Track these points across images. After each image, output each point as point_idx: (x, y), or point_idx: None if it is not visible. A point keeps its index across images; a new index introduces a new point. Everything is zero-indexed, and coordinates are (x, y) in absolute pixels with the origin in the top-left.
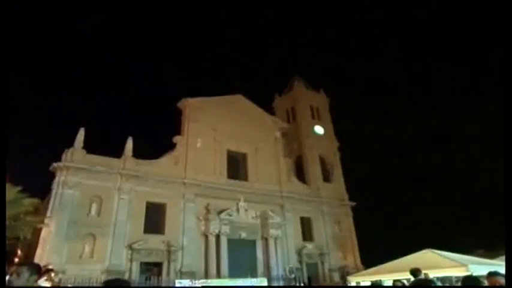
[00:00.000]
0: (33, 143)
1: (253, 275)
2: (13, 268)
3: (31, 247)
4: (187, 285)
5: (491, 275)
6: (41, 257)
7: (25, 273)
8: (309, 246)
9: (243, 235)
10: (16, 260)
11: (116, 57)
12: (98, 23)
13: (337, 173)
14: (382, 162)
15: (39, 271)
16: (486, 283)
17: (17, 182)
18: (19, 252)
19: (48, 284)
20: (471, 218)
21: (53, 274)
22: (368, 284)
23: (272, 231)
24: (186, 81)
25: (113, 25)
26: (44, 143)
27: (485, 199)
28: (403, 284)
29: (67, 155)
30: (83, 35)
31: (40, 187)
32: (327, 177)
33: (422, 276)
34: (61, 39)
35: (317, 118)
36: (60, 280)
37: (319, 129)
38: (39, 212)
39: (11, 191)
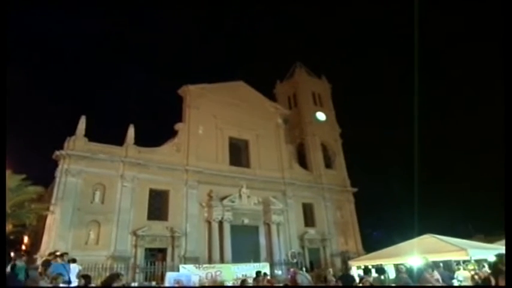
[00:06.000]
0: (37, 131)
1: (256, 260)
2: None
3: (37, 234)
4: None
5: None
6: (47, 243)
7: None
8: (311, 231)
9: (246, 221)
10: (23, 247)
11: (116, 44)
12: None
13: (339, 159)
14: (384, 148)
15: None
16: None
17: (21, 169)
18: (26, 239)
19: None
20: (471, 203)
21: (64, 258)
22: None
23: (274, 217)
24: (186, 67)
25: (112, 10)
26: (48, 131)
27: (485, 184)
28: (407, 268)
29: (69, 143)
30: (84, 22)
31: (44, 175)
32: (328, 164)
33: None
34: (62, 29)
35: (319, 104)
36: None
37: (321, 116)
38: (44, 199)
39: (15, 179)
